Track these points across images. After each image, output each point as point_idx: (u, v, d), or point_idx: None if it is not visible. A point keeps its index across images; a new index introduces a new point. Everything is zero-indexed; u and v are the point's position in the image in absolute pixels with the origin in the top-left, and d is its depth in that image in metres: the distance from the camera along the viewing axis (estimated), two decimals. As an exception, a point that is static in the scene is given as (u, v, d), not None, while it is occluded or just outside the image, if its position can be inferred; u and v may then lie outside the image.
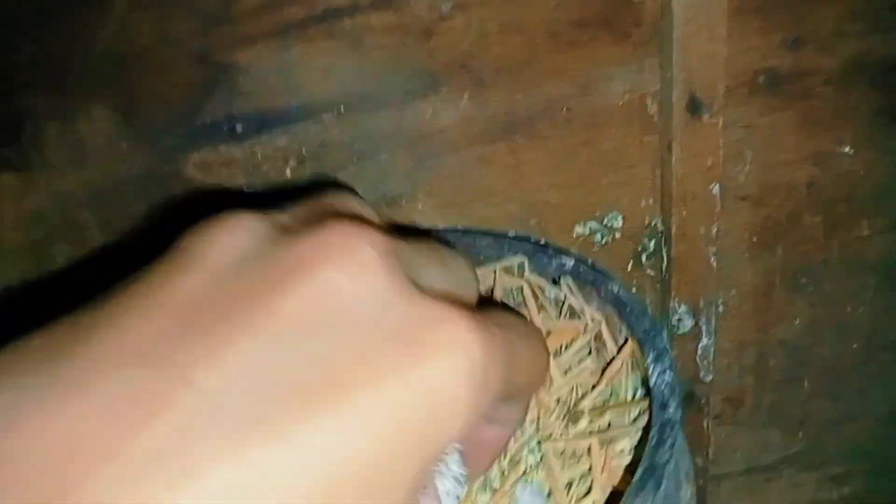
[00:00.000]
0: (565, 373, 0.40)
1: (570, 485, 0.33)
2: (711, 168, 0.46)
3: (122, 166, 0.44)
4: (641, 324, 0.36)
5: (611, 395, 0.38)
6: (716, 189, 0.47)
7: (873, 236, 0.52)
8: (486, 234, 0.45)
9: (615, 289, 0.38)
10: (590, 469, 0.33)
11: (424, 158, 0.46)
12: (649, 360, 0.34)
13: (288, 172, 0.45)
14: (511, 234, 0.44)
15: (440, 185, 0.47)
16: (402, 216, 0.47)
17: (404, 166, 0.46)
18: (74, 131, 0.43)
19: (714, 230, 0.48)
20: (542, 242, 0.43)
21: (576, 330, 0.42)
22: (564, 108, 0.45)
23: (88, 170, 0.44)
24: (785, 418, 0.59)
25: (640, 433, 0.34)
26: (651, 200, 0.48)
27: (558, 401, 0.39)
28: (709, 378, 0.55)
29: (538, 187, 0.48)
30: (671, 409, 0.31)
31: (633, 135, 0.46)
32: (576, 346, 0.41)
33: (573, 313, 0.42)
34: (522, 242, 0.43)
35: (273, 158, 0.45)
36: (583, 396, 0.38)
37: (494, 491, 0.34)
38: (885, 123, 0.47)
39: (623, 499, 0.28)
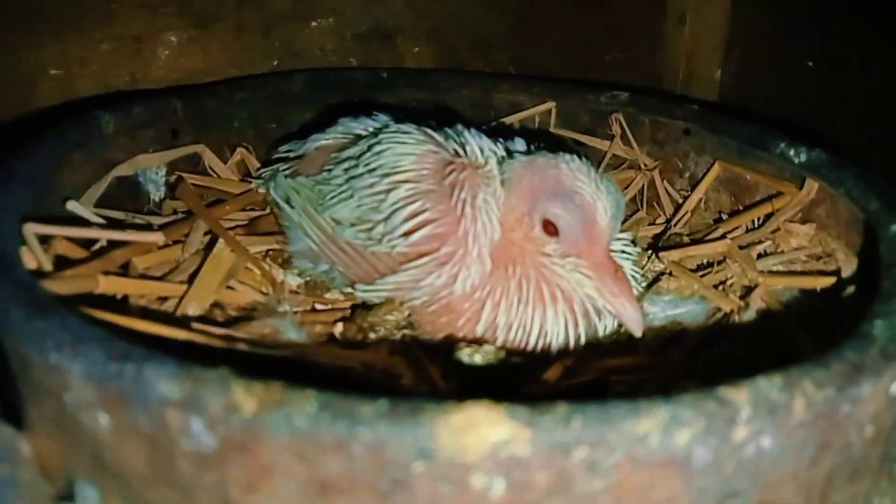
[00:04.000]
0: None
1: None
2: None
3: None
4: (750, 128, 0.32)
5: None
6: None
7: None
8: (504, 76, 0.38)
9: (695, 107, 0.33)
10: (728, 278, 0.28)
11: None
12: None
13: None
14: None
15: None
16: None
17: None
18: None
19: None
20: (577, 80, 0.37)
21: (621, 182, 0.36)
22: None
23: None
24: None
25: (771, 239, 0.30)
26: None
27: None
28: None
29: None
30: None
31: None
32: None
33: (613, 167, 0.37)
34: (551, 83, 0.37)
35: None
36: (663, 232, 0.33)
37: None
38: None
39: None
